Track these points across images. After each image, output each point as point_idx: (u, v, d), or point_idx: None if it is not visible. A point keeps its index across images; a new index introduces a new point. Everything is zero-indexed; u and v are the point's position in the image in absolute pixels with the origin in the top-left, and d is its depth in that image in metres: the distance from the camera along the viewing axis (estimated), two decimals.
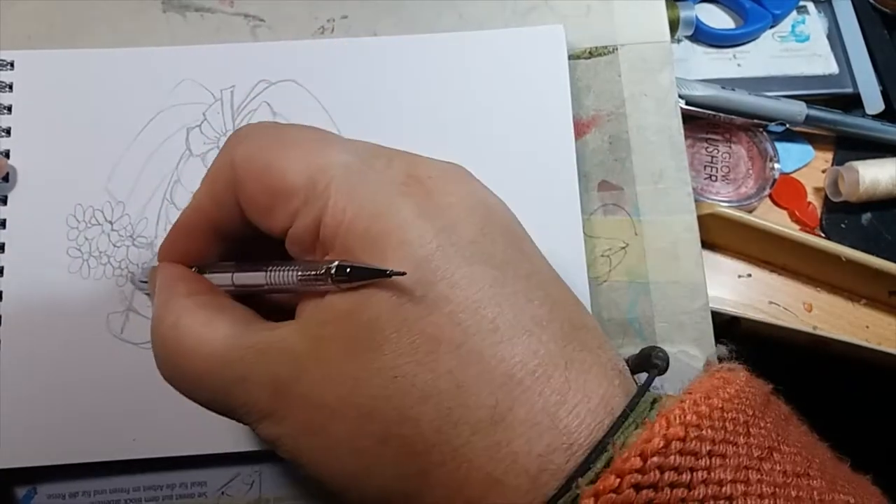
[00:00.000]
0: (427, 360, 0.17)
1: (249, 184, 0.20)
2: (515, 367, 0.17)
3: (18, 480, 0.30)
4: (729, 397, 0.17)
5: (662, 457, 0.16)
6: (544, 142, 0.32)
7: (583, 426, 0.17)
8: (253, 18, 0.34)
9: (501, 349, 0.17)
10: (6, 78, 0.32)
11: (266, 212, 0.20)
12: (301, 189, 0.19)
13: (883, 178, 0.40)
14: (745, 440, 0.17)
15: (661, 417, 0.16)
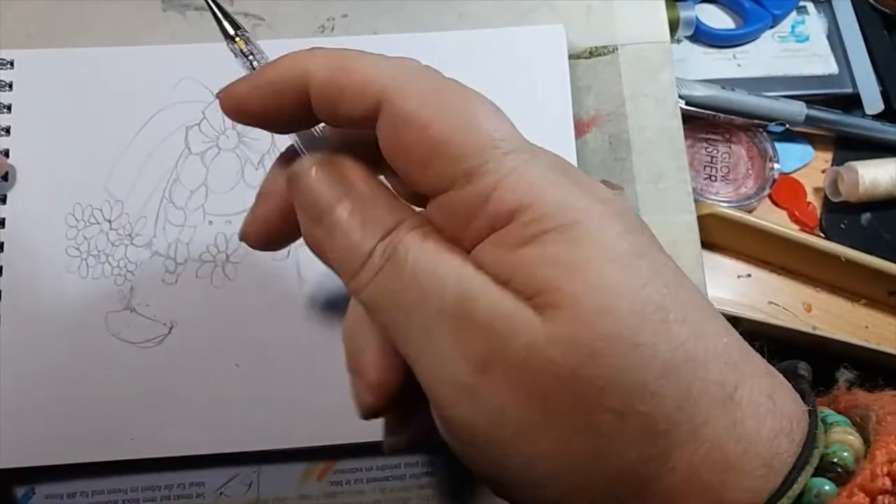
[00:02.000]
0: (662, 330, 0.16)
1: (408, 136, 0.18)
2: (731, 346, 0.17)
3: (17, 480, 0.30)
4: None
5: (892, 496, 0.15)
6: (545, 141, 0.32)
7: (794, 413, 0.16)
8: (253, 17, 0.34)
9: (715, 326, 0.17)
10: (6, 77, 0.31)
11: (420, 164, 0.18)
12: (473, 156, 0.17)
13: (882, 179, 0.40)
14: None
15: (880, 449, 0.16)
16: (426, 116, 0.17)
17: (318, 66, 0.19)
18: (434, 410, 0.18)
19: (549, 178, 0.17)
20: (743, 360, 0.17)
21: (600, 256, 0.16)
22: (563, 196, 0.17)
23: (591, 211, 0.17)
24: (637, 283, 0.16)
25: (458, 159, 0.17)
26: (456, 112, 0.18)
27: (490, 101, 0.19)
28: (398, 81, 0.18)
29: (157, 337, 0.30)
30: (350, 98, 0.18)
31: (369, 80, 0.18)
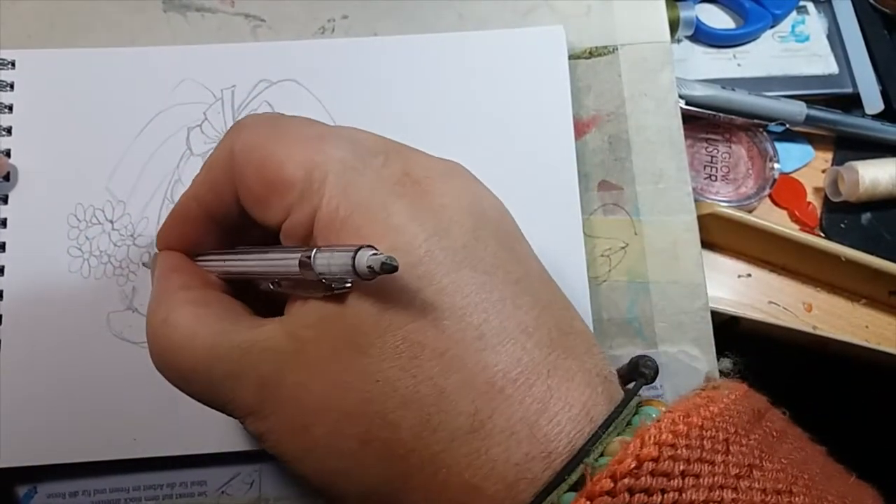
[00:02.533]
0: (410, 366, 0.17)
1: (247, 173, 0.20)
2: (497, 375, 0.17)
3: (19, 480, 0.30)
4: (710, 415, 0.17)
5: (633, 478, 0.16)
6: (544, 142, 0.32)
7: (562, 434, 0.17)
8: (254, 18, 0.34)
9: (485, 357, 0.17)
10: (7, 77, 0.32)
11: (262, 203, 0.20)
12: (297, 183, 0.19)
13: (883, 178, 0.40)
14: (724, 458, 0.16)
15: (636, 438, 0.16)
16: (258, 157, 0.20)
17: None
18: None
19: (360, 197, 0.19)
20: (520, 387, 0.17)
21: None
22: (371, 213, 0.18)
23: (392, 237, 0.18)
24: (397, 322, 0.17)
25: (288, 189, 0.19)
26: (282, 147, 0.20)
27: (317, 126, 0.21)
28: (239, 133, 0.21)
29: None
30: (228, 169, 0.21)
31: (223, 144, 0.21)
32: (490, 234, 0.20)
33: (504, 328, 0.18)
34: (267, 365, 0.19)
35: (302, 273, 0.18)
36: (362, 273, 0.17)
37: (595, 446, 0.17)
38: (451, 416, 0.17)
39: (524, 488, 0.17)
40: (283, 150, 0.20)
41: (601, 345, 0.31)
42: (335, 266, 0.17)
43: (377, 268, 0.16)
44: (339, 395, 0.18)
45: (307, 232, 0.19)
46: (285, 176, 0.19)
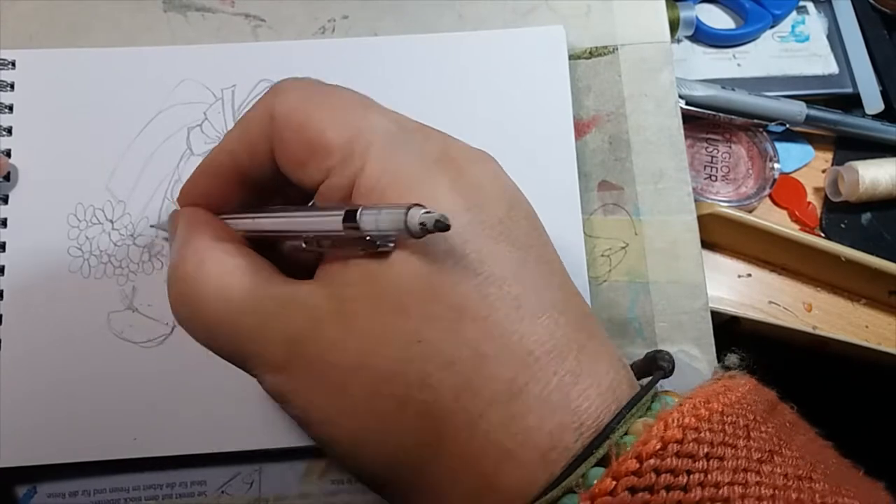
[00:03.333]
0: (452, 329, 0.17)
1: (287, 135, 0.20)
2: (534, 344, 0.18)
3: (19, 479, 0.30)
4: (730, 402, 0.17)
5: (659, 459, 0.16)
6: (545, 142, 0.32)
7: (592, 408, 0.17)
8: (254, 18, 0.34)
9: (523, 326, 0.18)
10: (7, 77, 0.32)
11: (300, 165, 0.20)
12: (339, 148, 0.19)
13: (883, 179, 0.40)
14: (745, 443, 0.17)
15: (660, 420, 0.17)
16: (299, 119, 0.20)
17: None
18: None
19: (403, 167, 0.19)
20: (554, 358, 0.18)
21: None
22: (414, 183, 0.19)
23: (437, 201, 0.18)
24: (441, 285, 0.18)
25: (329, 153, 0.19)
26: (324, 112, 0.20)
27: (359, 95, 0.21)
28: (279, 95, 0.20)
29: (158, 337, 0.30)
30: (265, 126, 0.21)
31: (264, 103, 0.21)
32: (522, 215, 0.20)
33: (540, 302, 0.18)
34: (302, 321, 0.19)
35: (345, 231, 0.18)
36: (414, 230, 0.17)
37: (620, 425, 0.17)
38: (490, 381, 0.17)
39: (556, 458, 0.17)
40: (327, 113, 0.20)
41: None
42: (383, 224, 0.17)
43: (430, 225, 0.16)
44: (379, 353, 0.18)
45: (345, 195, 0.19)
46: (326, 140, 0.19)
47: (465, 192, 0.19)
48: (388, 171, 0.19)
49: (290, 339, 0.19)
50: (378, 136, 0.19)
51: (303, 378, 0.19)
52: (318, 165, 0.20)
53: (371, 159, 0.19)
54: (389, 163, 0.19)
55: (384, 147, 0.19)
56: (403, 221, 0.17)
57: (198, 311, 0.20)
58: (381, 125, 0.20)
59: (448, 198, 0.18)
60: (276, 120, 0.20)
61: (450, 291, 0.18)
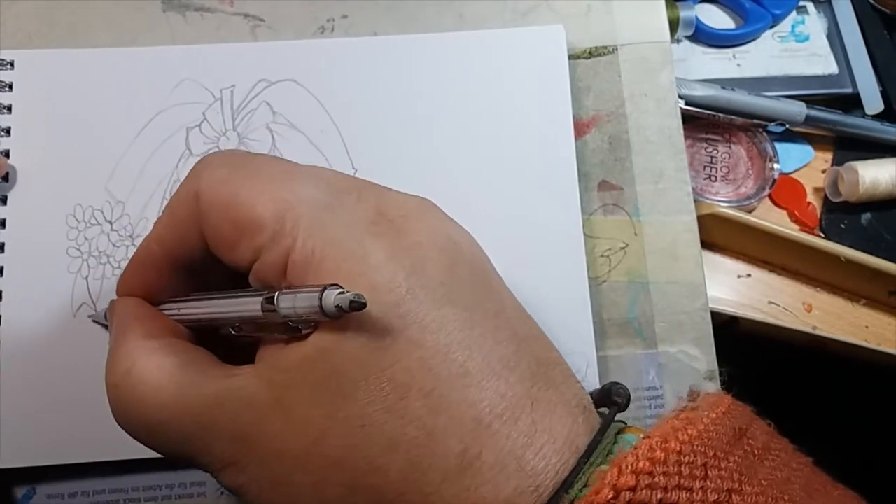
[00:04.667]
0: (397, 408, 0.17)
1: (214, 215, 0.19)
2: (484, 411, 0.17)
3: (18, 480, 0.30)
4: (689, 439, 0.17)
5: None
6: (544, 142, 0.32)
7: (549, 467, 0.17)
8: (253, 18, 0.34)
9: (470, 393, 0.17)
10: (6, 77, 0.32)
11: (231, 245, 0.19)
12: (268, 224, 0.18)
13: (882, 179, 0.40)
14: (703, 484, 0.16)
15: (614, 466, 0.16)
16: (225, 197, 0.19)
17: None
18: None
19: (336, 237, 0.18)
20: (506, 422, 0.17)
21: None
22: (348, 254, 0.18)
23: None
24: (382, 363, 0.17)
25: (258, 230, 0.19)
26: (250, 187, 0.19)
27: (285, 164, 0.20)
28: (203, 173, 0.20)
29: None
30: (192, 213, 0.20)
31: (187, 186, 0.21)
32: (465, 269, 0.19)
33: (487, 364, 0.18)
34: (243, 415, 0.18)
35: (265, 316, 0.18)
36: (330, 313, 0.16)
37: (578, 478, 0.17)
38: (441, 457, 0.17)
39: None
40: (252, 188, 0.19)
41: (601, 345, 0.31)
42: (301, 307, 0.17)
43: (345, 306, 0.16)
44: (323, 442, 0.17)
45: (279, 273, 0.19)
46: (255, 216, 0.19)
47: (403, 256, 0.18)
48: (319, 245, 0.18)
49: (234, 436, 0.18)
50: (307, 207, 0.19)
51: (251, 472, 0.18)
52: (248, 245, 0.19)
53: (302, 233, 0.18)
54: (321, 235, 0.18)
55: (315, 218, 0.18)
56: (319, 304, 0.16)
57: (135, 417, 0.20)
58: (309, 195, 0.19)
59: (386, 267, 0.18)
60: (201, 199, 0.20)
61: (392, 369, 0.17)
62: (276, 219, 0.18)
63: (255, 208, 0.19)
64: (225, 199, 0.19)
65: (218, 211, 0.19)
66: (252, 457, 0.18)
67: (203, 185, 0.20)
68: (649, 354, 0.31)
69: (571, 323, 0.30)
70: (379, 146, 0.32)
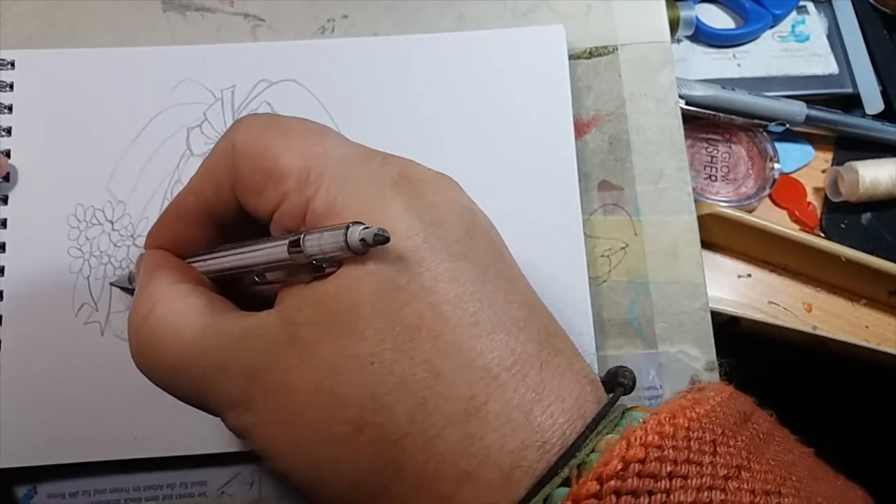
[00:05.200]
0: (406, 348, 0.17)
1: (246, 163, 0.20)
2: (493, 361, 0.17)
3: (19, 480, 0.30)
4: (697, 416, 0.17)
5: (620, 480, 0.15)
6: (544, 142, 0.32)
7: (556, 426, 0.17)
8: (253, 18, 0.34)
9: (480, 343, 0.17)
10: (7, 77, 0.32)
11: (257, 192, 0.20)
12: (295, 173, 0.19)
13: (883, 179, 0.40)
14: (712, 459, 0.16)
15: (623, 439, 0.16)
16: (257, 149, 0.20)
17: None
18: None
19: (359, 188, 0.19)
20: (514, 375, 0.17)
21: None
22: (368, 205, 0.19)
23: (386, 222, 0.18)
24: (395, 304, 0.17)
25: (284, 178, 0.19)
26: (282, 140, 0.20)
27: (317, 125, 0.21)
28: (240, 129, 0.21)
29: None
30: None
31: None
32: (481, 234, 0.20)
33: (499, 319, 0.18)
34: (258, 353, 0.19)
35: (291, 257, 0.18)
36: (355, 247, 0.17)
37: (586, 443, 0.17)
38: (447, 400, 0.17)
39: (520, 477, 0.16)
40: (283, 141, 0.20)
41: (601, 345, 0.31)
42: (326, 245, 0.17)
43: (370, 240, 0.16)
44: (333, 378, 0.17)
45: (299, 220, 0.19)
46: (282, 164, 0.19)
47: (422, 212, 0.19)
48: (342, 195, 0.19)
49: (248, 372, 0.19)
50: (333, 160, 0.19)
51: (262, 410, 0.19)
52: (275, 191, 0.20)
53: (325, 183, 0.19)
54: (343, 186, 0.19)
55: (339, 171, 0.19)
56: (344, 239, 0.17)
57: (154, 357, 0.20)
58: (337, 151, 0.20)
59: (404, 218, 0.18)
60: (236, 150, 0.20)
61: (403, 311, 0.17)
62: (303, 168, 0.19)
63: (283, 158, 0.19)
64: (257, 150, 0.20)
65: (250, 160, 0.20)
66: (263, 394, 0.18)
67: (238, 138, 0.20)
68: (649, 354, 0.31)
69: (572, 322, 0.30)
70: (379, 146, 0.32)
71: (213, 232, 0.23)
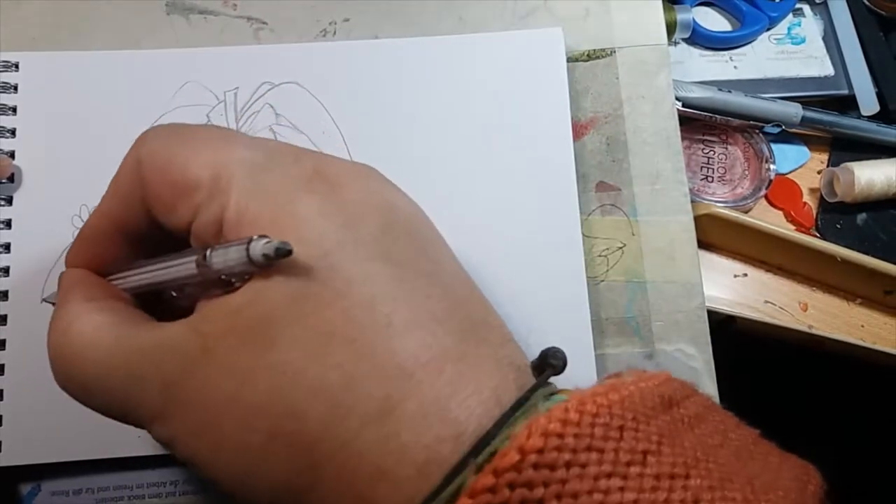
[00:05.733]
0: (318, 355, 0.17)
1: (153, 179, 0.20)
2: (408, 360, 0.17)
3: (22, 477, 0.30)
4: (607, 403, 0.17)
5: (516, 472, 0.15)
6: (543, 143, 0.32)
7: (472, 417, 0.17)
8: (256, 21, 0.34)
9: (394, 343, 0.17)
10: (11, 79, 0.32)
11: (169, 207, 0.20)
12: (203, 184, 0.19)
13: (878, 179, 0.40)
14: (615, 445, 0.16)
15: (525, 428, 0.16)
16: (163, 160, 0.20)
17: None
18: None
19: (269, 193, 0.19)
20: (430, 372, 0.17)
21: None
22: (281, 209, 0.18)
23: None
24: (306, 311, 0.17)
25: (194, 190, 0.19)
26: (187, 150, 0.20)
27: (223, 131, 0.21)
28: (144, 143, 0.21)
29: None
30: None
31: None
32: (401, 230, 0.20)
33: (415, 316, 0.18)
34: (171, 364, 0.18)
35: (200, 273, 0.18)
36: (258, 262, 0.17)
37: (501, 430, 0.17)
38: (361, 402, 0.17)
39: (433, 470, 0.16)
40: (189, 151, 0.20)
41: (599, 344, 0.31)
42: (231, 260, 0.18)
43: (272, 254, 0.17)
44: (247, 388, 0.17)
45: (216, 232, 0.19)
46: (190, 176, 0.19)
47: (335, 212, 0.19)
48: (253, 202, 0.18)
49: (163, 384, 0.19)
50: (242, 166, 0.19)
51: (180, 422, 0.19)
52: (186, 205, 0.19)
53: (235, 191, 0.19)
54: (254, 193, 0.19)
55: (248, 176, 0.19)
56: (246, 254, 0.17)
57: (71, 373, 0.21)
58: (244, 156, 0.19)
59: (316, 221, 0.18)
60: (142, 164, 0.20)
61: (314, 319, 0.17)
62: (212, 178, 0.19)
63: (190, 169, 0.19)
64: (163, 163, 0.20)
65: (157, 174, 0.20)
66: (178, 406, 0.18)
67: (143, 153, 0.20)
68: (646, 353, 0.32)
69: (570, 322, 0.30)
70: (380, 147, 0.32)
71: (129, 247, 0.23)
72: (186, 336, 0.19)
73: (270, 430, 0.17)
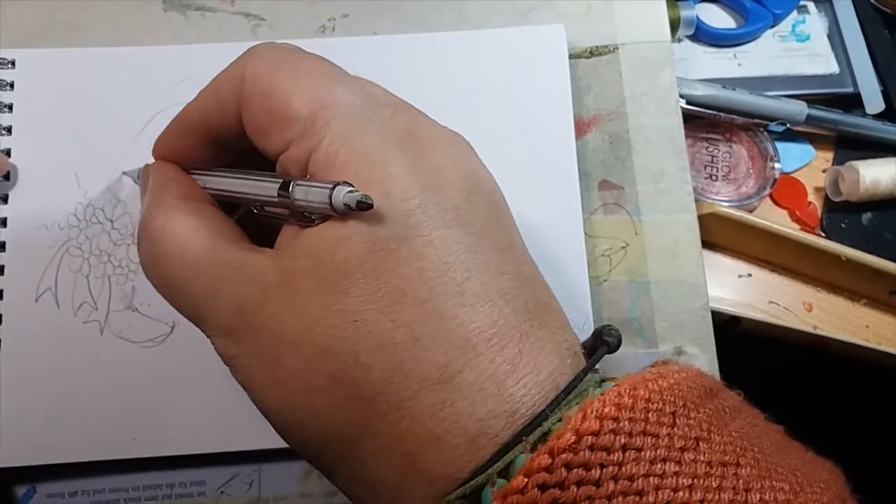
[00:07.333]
0: (389, 311, 0.18)
1: (254, 100, 0.20)
2: (473, 332, 0.18)
3: (18, 479, 0.30)
4: (658, 389, 0.17)
5: (572, 453, 0.16)
6: (545, 141, 0.32)
7: (527, 397, 0.17)
8: (254, 17, 0.34)
9: (463, 313, 0.18)
10: (7, 76, 0.32)
11: (263, 132, 0.20)
12: (301, 119, 0.19)
13: (883, 178, 0.40)
14: (669, 431, 0.16)
15: (580, 411, 0.16)
16: (267, 86, 0.20)
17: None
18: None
19: (363, 143, 0.19)
20: (492, 346, 0.18)
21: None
22: (370, 161, 0.19)
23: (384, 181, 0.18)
24: (382, 266, 0.18)
25: (291, 124, 0.19)
26: (292, 81, 0.20)
27: (330, 66, 0.21)
28: (252, 60, 0.21)
29: (158, 336, 0.30)
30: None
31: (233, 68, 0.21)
32: (482, 202, 0.20)
33: (485, 290, 0.18)
34: (251, 289, 0.19)
35: (280, 202, 0.19)
36: (339, 209, 0.17)
37: (554, 412, 0.17)
38: (423, 365, 0.17)
39: (485, 444, 0.17)
40: (293, 83, 0.20)
41: None
42: (313, 199, 0.18)
43: (353, 204, 0.17)
44: (316, 330, 0.18)
45: (302, 168, 0.19)
46: (290, 110, 0.19)
47: (423, 173, 0.19)
48: (345, 148, 0.19)
49: (239, 306, 0.19)
50: (341, 110, 0.19)
51: (247, 345, 0.19)
52: (280, 136, 0.20)
53: (330, 134, 0.19)
54: (348, 139, 0.19)
55: (346, 122, 0.19)
56: (329, 198, 0.17)
57: (160, 269, 0.21)
58: (346, 99, 0.19)
59: (404, 178, 0.18)
60: (245, 83, 0.20)
61: (390, 274, 0.18)
62: (310, 116, 0.19)
63: (291, 103, 0.19)
64: (266, 89, 0.20)
65: (258, 98, 0.20)
66: (248, 330, 0.19)
67: (248, 72, 0.20)
68: (650, 354, 0.31)
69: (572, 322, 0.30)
70: None
71: (215, 152, 0.23)
72: (270, 267, 0.19)
73: (334, 375, 0.18)
